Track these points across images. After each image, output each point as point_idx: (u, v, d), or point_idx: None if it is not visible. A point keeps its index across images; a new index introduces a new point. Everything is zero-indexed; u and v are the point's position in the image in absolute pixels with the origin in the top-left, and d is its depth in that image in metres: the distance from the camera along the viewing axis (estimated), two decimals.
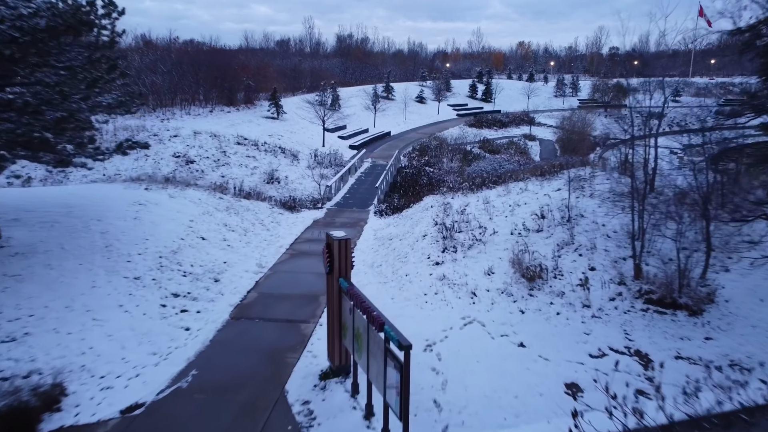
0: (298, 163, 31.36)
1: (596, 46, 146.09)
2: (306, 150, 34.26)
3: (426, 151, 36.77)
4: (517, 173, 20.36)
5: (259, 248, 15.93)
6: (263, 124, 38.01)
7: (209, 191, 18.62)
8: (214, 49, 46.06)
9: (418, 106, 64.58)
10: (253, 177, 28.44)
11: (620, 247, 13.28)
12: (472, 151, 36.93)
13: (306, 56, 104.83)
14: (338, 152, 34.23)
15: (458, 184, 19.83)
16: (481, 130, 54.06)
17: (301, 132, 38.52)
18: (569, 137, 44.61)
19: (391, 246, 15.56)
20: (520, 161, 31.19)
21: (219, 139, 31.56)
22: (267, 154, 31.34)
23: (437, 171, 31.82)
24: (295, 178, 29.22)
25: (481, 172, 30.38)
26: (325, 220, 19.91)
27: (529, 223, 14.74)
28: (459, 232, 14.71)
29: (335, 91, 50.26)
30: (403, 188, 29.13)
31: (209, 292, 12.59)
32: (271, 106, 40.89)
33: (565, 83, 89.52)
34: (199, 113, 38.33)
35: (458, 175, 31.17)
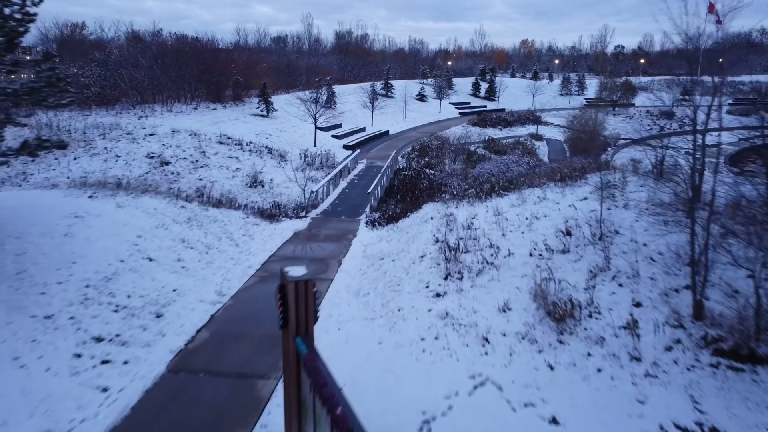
0: (285, 165, 28.59)
1: (601, 44, 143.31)
2: (296, 150, 31.49)
3: (426, 151, 34.00)
4: (531, 177, 17.55)
5: (222, 269, 13.15)
6: (251, 122, 35.26)
7: (170, 198, 15.84)
8: (201, 43, 43.39)
9: (419, 104, 61.79)
10: (235, 180, 25.70)
11: (669, 275, 10.46)
12: (477, 152, 34.14)
13: (304, 54, 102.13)
14: (330, 153, 31.45)
15: (463, 189, 17.04)
16: (485, 129, 51.24)
17: (292, 131, 35.76)
18: (579, 137, 41.78)
19: (382, 268, 12.78)
20: (530, 162, 28.43)
21: (199, 138, 28.82)
22: (251, 155, 28.58)
23: (439, 173, 29.05)
24: (282, 182, 26.45)
25: (487, 174, 27.58)
26: (307, 231, 17.14)
27: (552, 241, 11.94)
28: (465, 253, 11.92)
29: (330, 88, 47.49)
30: (400, 192, 26.36)
31: (146, 333, 9.82)
32: (261, 102, 38.14)
33: (571, 81, 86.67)
34: (182, 110, 35.59)
35: (462, 178, 28.40)
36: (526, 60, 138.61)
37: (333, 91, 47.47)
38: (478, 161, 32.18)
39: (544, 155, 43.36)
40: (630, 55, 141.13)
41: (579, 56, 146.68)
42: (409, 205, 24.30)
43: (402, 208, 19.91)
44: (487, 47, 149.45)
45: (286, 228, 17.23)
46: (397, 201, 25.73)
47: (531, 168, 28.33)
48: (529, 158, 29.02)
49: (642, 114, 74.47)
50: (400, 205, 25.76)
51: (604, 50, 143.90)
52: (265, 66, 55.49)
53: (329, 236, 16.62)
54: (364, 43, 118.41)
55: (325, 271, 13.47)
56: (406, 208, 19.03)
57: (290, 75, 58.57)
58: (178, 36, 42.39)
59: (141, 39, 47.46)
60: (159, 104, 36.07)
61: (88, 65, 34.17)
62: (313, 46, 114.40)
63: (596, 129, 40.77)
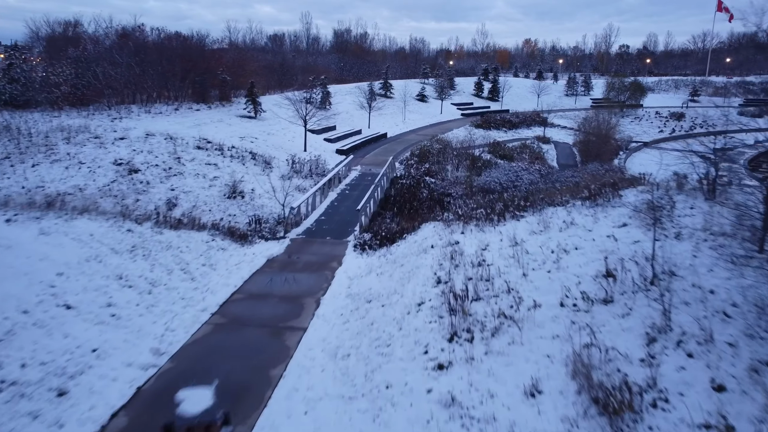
0: (270, 172, 25.82)
1: (606, 44, 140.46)
2: (283, 155, 28.71)
3: (427, 156, 31.23)
4: (551, 194, 14.77)
5: (167, 315, 10.39)
6: (236, 125, 32.50)
7: (114, 220, 13.07)
8: (185, 39, 40.63)
9: (419, 104, 59.01)
10: (212, 190, 22.95)
11: (753, 338, 7.69)
12: (481, 157, 31.38)
13: (302, 53, 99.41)
14: (321, 158, 28.66)
15: (470, 208, 14.24)
16: (488, 132, 48.46)
17: (281, 134, 32.99)
18: (590, 140, 39.00)
19: (368, 316, 10.01)
20: (541, 170, 25.66)
21: (175, 143, 26.06)
22: (233, 161, 25.81)
23: (440, 182, 26.28)
24: (265, 191, 23.68)
25: (494, 183, 24.83)
26: (284, 257, 14.38)
27: (589, 285, 9.17)
28: (476, 300, 9.16)
29: (325, 87, 44.71)
30: (397, 204, 23.61)
31: (35, 425, 7.06)
32: (248, 103, 35.39)
33: (576, 81, 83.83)
34: (162, 111, 32.83)
35: (466, 186, 25.64)
36: (529, 60, 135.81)
37: (328, 90, 44.70)
38: (484, 168, 29.40)
39: (552, 160, 40.58)
40: (635, 55, 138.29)
41: (583, 56, 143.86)
42: (406, 222, 21.57)
43: (398, 227, 17.15)
44: (489, 47, 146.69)
45: (259, 253, 14.48)
46: (393, 214, 22.99)
47: (543, 176, 25.58)
48: (540, 165, 26.25)
49: (651, 115, 71.63)
50: (396, 219, 23.05)
51: (609, 50, 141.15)
52: (257, 64, 52.77)
53: (309, 264, 13.86)
54: (363, 41, 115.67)
55: (297, 315, 10.71)
56: (402, 229, 16.27)
57: (284, 74, 55.82)
58: (161, 32, 39.82)
59: (128, 35, 44.66)
60: (138, 105, 33.31)
61: (59, 62, 31.43)
62: (312, 45, 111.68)
63: (609, 132, 37.97)
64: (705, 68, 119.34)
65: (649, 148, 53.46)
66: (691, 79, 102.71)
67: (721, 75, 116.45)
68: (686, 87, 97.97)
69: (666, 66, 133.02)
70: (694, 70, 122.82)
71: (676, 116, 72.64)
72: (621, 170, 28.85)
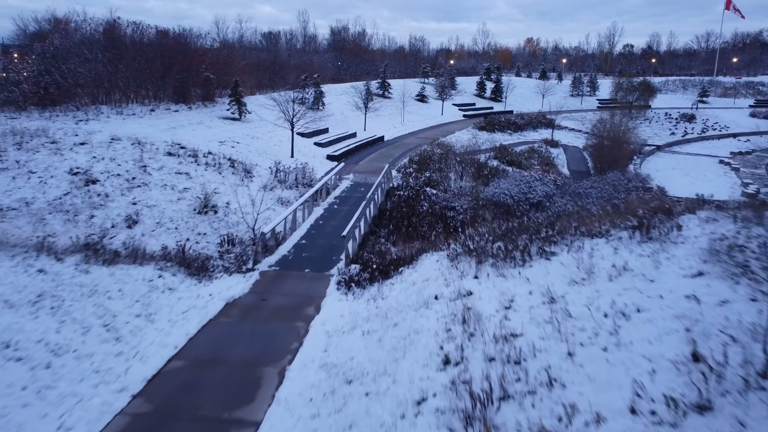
0: (250, 182, 22.87)
1: (609, 43, 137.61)
2: (267, 162, 25.73)
3: (427, 162, 28.27)
4: (583, 218, 11.80)
5: (66, 402, 7.42)
6: (217, 127, 29.52)
7: (24, 256, 10.10)
8: (164, 34, 37.58)
9: (419, 105, 56.04)
10: (180, 204, 19.99)
11: None
12: (487, 163, 28.40)
13: (298, 51, 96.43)
14: (309, 166, 25.63)
15: (484, 239, 11.22)
16: (493, 134, 45.48)
17: (266, 138, 30.01)
18: (604, 144, 36.05)
19: (346, 409, 7.05)
20: (557, 180, 22.71)
21: (143, 149, 23.12)
22: (208, 170, 22.85)
23: (442, 193, 23.33)
24: (243, 204, 20.72)
25: (504, 196, 21.88)
26: (248, 300, 11.41)
27: (668, 375, 6.18)
28: (503, 400, 6.19)
29: (318, 87, 41.73)
30: (393, 220, 20.69)
31: None
32: (232, 103, 32.41)
33: (582, 81, 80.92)
34: (135, 113, 29.84)
35: (472, 198, 22.70)
36: (532, 59, 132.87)
37: (320, 90, 41.71)
38: (491, 176, 26.45)
39: (562, 165, 37.65)
40: (639, 55, 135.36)
41: (585, 56, 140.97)
42: (405, 239, 18.66)
43: (392, 254, 14.21)
44: (490, 46, 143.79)
45: (217, 294, 11.51)
46: (389, 232, 20.05)
47: (559, 187, 22.64)
48: (554, 175, 23.29)
49: (661, 116, 68.67)
50: (393, 237, 20.10)
51: (613, 50, 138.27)
52: (246, 62, 49.85)
53: (279, 310, 10.90)
54: (361, 40, 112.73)
55: (251, 399, 7.75)
56: (398, 260, 13.33)
57: (276, 73, 52.87)
58: (137, 26, 36.84)
59: (115, 30, 41.47)
60: (110, 105, 30.32)
61: (21, 58, 28.46)
62: (309, 43, 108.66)
63: (625, 136, 34.99)
64: (712, 68, 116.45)
65: (662, 152, 50.54)
66: (699, 80, 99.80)
67: (727, 75, 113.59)
68: (694, 87, 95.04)
69: (671, 66, 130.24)
70: (701, 70, 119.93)
71: (687, 118, 69.69)
72: (643, 179, 25.88)
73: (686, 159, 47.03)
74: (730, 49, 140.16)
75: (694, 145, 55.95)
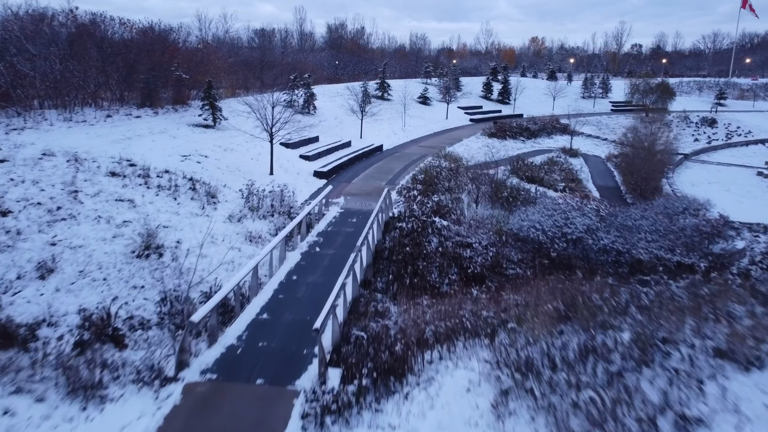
0: (214, 210, 18.15)
1: (618, 43, 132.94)
2: (238, 183, 20.99)
3: (434, 181, 23.57)
4: (697, 310, 7.08)
5: None
6: (183, 137, 24.77)
7: None
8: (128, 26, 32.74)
9: (422, 108, 51.32)
10: (115, 243, 15.26)
11: None
12: (506, 182, 23.68)
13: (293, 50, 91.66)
14: (289, 188, 20.78)
15: (547, 350, 6.54)
16: (504, 142, 40.79)
17: (242, 150, 25.27)
18: (635, 155, 31.40)
19: None
20: (599, 209, 18.03)
21: (80, 167, 18.41)
22: (160, 194, 18.12)
23: (454, 224, 18.64)
24: (200, 243, 16.02)
25: (534, 231, 17.20)
26: None
27: None
28: None
29: (309, 88, 36.98)
30: (394, 263, 16.01)
31: None
32: (205, 108, 27.68)
33: (594, 83, 76.21)
34: (87, 119, 25.11)
35: (493, 232, 18.01)
36: (537, 59, 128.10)
37: (311, 92, 36.94)
38: (512, 198, 21.78)
39: (586, 179, 32.98)
40: (649, 55, 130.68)
41: (592, 56, 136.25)
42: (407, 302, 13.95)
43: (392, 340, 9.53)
44: (493, 45, 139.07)
45: None
46: (388, 282, 15.36)
47: (602, 219, 17.96)
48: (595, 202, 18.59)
49: (680, 120, 63.92)
50: (392, 290, 15.42)
51: (620, 50, 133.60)
52: (233, 60, 45.11)
53: None
54: (360, 38, 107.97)
55: None
56: (403, 359, 8.67)
57: (264, 72, 48.19)
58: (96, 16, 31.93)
59: (72, 22, 36.40)
60: (60, 110, 25.57)
61: None
62: (305, 41, 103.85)
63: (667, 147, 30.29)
64: (724, 69, 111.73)
65: (690, 162, 45.86)
66: (714, 81, 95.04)
67: (741, 76, 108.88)
68: (709, 89, 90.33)
69: (680, 67, 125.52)
70: (714, 71, 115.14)
71: (708, 122, 64.98)
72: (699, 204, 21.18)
73: (719, 170, 42.36)
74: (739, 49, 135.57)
75: (721, 153, 51.28)
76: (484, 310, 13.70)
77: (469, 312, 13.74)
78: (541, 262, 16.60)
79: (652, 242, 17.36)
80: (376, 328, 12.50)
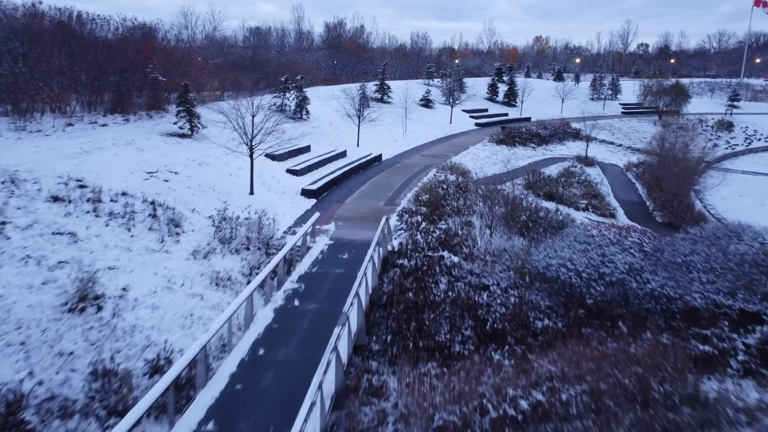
0: (176, 244, 15.01)
1: (624, 43, 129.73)
2: (212, 205, 17.83)
3: (440, 202, 20.43)
4: None
5: None
6: (153, 149, 21.62)
7: None
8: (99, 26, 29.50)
9: (424, 112, 48.19)
10: (43, 293, 12.11)
11: None
12: (523, 202, 20.51)
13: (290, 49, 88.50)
14: (268, 213, 17.57)
15: None
16: (514, 149, 37.66)
17: (220, 164, 22.13)
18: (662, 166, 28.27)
19: None
20: (643, 243, 14.92)
21: (16, 189, 15.30)
22: (111, 224, 14.98)
23: (467, 260, 15.52)
24: (153, 290, 12.92)
25: (565, 271, 14.07)
26: None
27: None
28: None
29: (302, 91, 33.83)
30: (392, 316, 12.89)
31: None
32: (181, 115, 24.53)
33: (603, 83, 73.02)
34: (43, 128, 21.97)
35: (515, 271, 14.91)
36: (541, 59, 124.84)
37: (304, 96, 33.78)
38: (531, 224, 18.64)
39: (607, 193, 29.82)
40: (656, 55, 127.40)
41: (597, 55, 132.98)
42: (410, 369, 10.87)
43: None
44: (496, 44, 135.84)
45: None
46: (385, 345, 12.21)
47: (647, 256, 14.83)
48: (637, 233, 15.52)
49: (695, 124, 60.67)
50: (393, 350, 12.30)
51: (626, 49, 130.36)
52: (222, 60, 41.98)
53: None
54: (359, 37, 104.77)
55: None
56: None
57: (254, 72, 45.07)
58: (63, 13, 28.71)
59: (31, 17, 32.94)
60: (14, 117, 22.43)
61: None
62: (303, 41, 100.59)
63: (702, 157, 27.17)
64: (734, 69, 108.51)
65: (712, 170, 42.64)
66: (726, 82, 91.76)
67: (752, 77, 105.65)
68: (721, 90, 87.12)
69: (687, 67, 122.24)
70: (726, 71, 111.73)
71: (724, 125, 61.78)
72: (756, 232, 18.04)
73: (746, 180, 39.17)
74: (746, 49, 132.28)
75: (743, 160, 48.10)
76: (509, 386, 10.70)
77: (490, 389, 10.72)
78: (576, 312, 13.48)
79: (707, 283, 14.26)
80: (369, 417, 9.53)
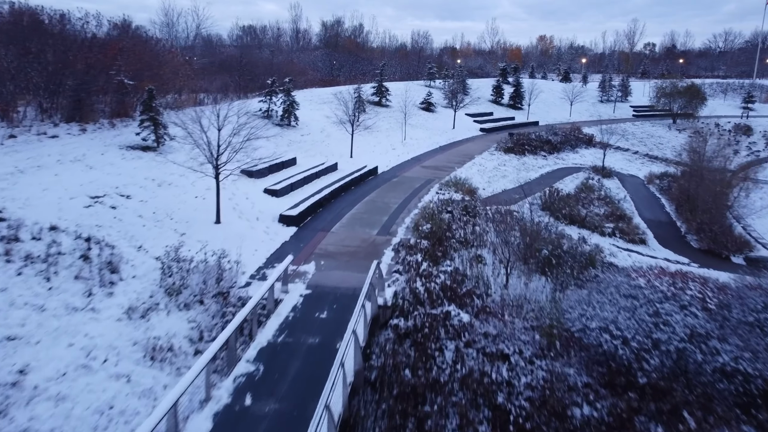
0: (108, 297, 11.76)
1: (630, 42, 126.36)
2: (166, 240, 14.59)
3: (442, 231, 17.18)
4: None
5: None
6: (107, 166, 18.36)
7: None
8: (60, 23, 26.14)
9: (425, 116, 44.95)
10: None
11: None
12: (542, 233, 17.25)
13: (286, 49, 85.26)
14: (231, 252, 14.29)
15: None
16: (524, 158, 34.41)
17: (185, 183, 18.86)
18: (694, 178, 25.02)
19: None
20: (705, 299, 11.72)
21: None
22: (25, 271, 11.71)
23: (479, 319, 12.30)
24: (62, 371, 9.69)
25: (609, 340, 10.84)
26: None
27: None
28: None
29: (290, 94, 30.58)
30: (384, 412, 9.64)
31: None
32: (145, 125, 21.28)
33: (612, 85, 69.74)
34: None
35: (542, 334, 11.69)
36: (545, 58, 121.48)
37: (292, 100, 30.51)
38: (555, 259, 15.40)
39: (631, 211, 26.51)
40: (664, 54, 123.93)
41: (603, 55, 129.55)
42: None
43: None
44: (499, 44, 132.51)
45: None
46: None
47: (714, 315, 11.60)
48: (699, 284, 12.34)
49: (711, 128, 57.32)
50: None
51: (633, 49, 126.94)
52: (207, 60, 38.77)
53: None
54: (358, 36, 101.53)
55: None
56: None
57: (242, 73, 41.87)
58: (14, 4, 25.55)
59: None
60: None
61: None
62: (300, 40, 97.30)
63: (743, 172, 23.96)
64: (746, 70, 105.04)
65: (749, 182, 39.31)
66: (739, 83, 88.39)
67: (764, 78, 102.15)
68: (734, 92, 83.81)
69: (695, 67, 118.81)
70: (736, 71, 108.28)
71: (743, 129, 58.43)
72: None
73: None
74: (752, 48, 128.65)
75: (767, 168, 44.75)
76: None
77: None
78: (626, 395, 10.23)
79: None
80: None
